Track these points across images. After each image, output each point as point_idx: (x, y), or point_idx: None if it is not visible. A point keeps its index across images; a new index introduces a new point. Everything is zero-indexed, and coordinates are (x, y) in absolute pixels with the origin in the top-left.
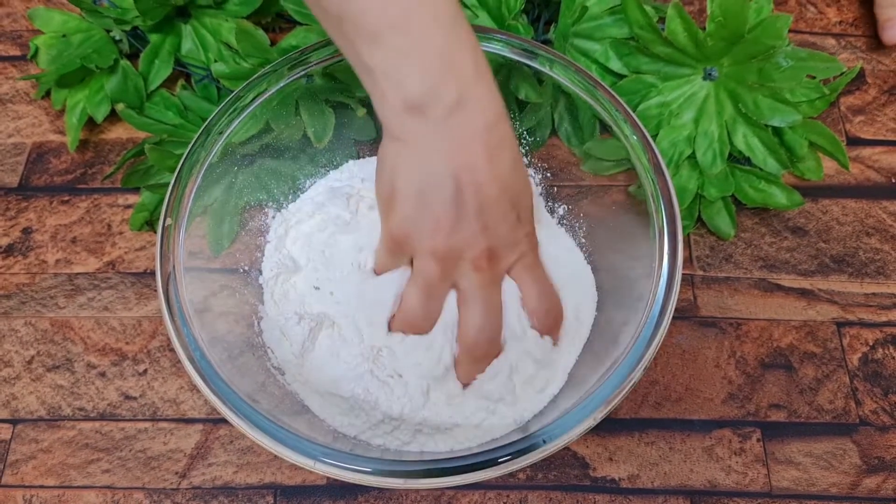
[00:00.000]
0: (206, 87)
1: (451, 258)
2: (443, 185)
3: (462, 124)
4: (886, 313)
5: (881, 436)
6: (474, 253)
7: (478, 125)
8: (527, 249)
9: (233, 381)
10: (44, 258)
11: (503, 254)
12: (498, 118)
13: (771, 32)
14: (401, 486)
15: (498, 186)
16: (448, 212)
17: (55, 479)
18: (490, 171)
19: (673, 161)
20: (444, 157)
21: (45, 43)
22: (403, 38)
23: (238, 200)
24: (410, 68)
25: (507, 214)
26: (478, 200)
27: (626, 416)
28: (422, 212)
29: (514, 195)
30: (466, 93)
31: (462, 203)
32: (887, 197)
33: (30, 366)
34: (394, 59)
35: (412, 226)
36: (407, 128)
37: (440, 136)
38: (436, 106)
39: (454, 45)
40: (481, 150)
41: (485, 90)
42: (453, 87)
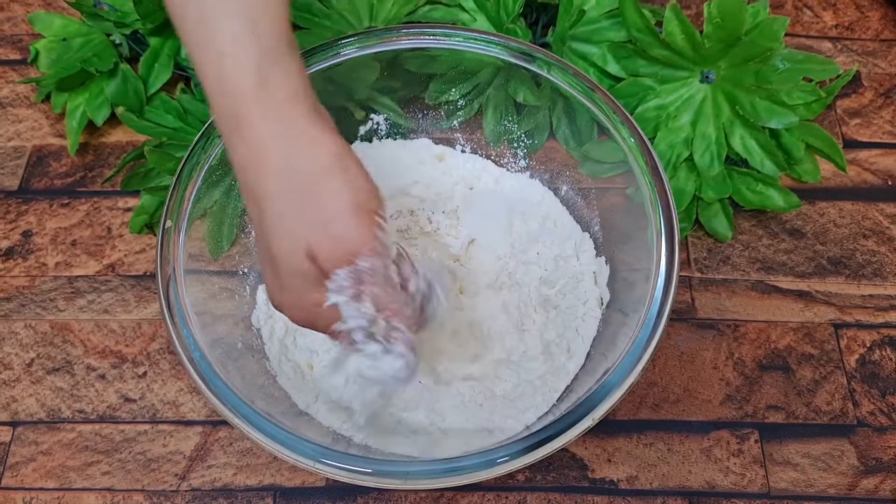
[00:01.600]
0: None
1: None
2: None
3: (249, 135)
4: (883, 315)
5: (879, 437)
6: (335, 254)
7: (267, 134)
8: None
9: (232, 383)
10: (44, 261)
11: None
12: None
13: (768, 35)
14: (400, 486)
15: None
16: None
17: (55, 481)
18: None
19: (671, 163)
20: (237, 168)
21: (46, 47)
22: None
23: (238, 203)
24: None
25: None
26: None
27: (625, 417)
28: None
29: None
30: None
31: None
32: (884, 199)
33: (30, 368)
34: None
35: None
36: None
37: (235, 144)
38: (227, 119)
39: None
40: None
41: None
42: (321, 159)
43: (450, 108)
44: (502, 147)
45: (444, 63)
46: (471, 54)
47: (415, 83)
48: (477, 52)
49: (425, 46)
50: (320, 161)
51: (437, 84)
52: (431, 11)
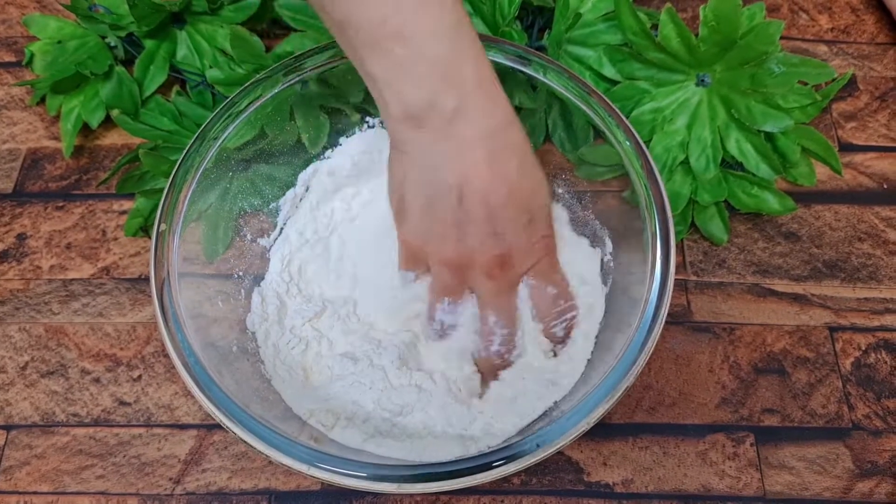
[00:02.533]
0: (201, 93)
1: (463, 266)
2: (447, 194)
3: (462, 132)
4: (879, 318)
5: (874, 440)
6: (485, 260)
7: (478, 132)
8: (542, 254)
9: (227, 387)
10: (38, 264)
11: (516, 260)
12: (502, 124)
13: (763, 38)
14: (395, 491)
15: (504, 191)
16: (454, 221)
17: (49, 485)
18: (493, 176)
19: (666, 166)
20: (446, 166)
21: (41, 49)
22: (403, 49)
23: (233, 206)
24: (409, 79)
25: (516, 219)
26: (484, 207)
27: (620, 420)
28: (429, 222)
29: (523, 198)
30: (466, 101)
31: (467, 211)
32: (879, 202)
33: (24, 372)
34: (393, 69)
35: (422, 236)
36: (409, 138)
37: (441, 145)
38: (435, 116)
39: (455, 54)
40: (483, 157)
41: (486, 98)
42: (452, 96)
43: None
44: None
45: None
46: None
47: None
48: None
49: None
50: (528, 144)
51: None
52: None
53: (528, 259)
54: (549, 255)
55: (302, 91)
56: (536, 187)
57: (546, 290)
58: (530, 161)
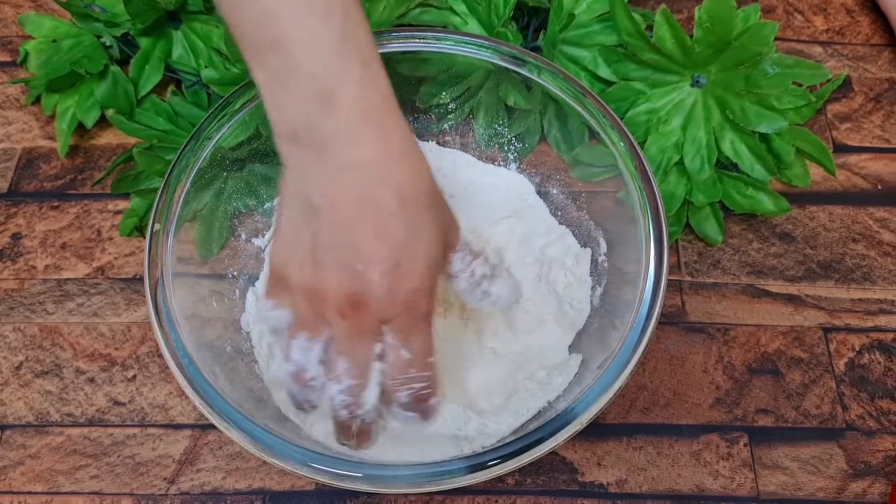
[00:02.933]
0: (197, 92)
1: (317, 298)
2: (312, 218)
3: (336, 158)
4: (872, 319)
5: (867, 440)
6: (336, 295)
7: (354, 161)
8: (402, 309)
9: (221, 387)
10: (33, 264)
11: (372, 304)
12: (385, 158)
13: (758, 39)
14: (389, 490)
15: (371, 227)
16: (312, 246)
17: (43, 485)
18: (361, 209)
19: (661, 167)
20: (315, 188)
21: (36, 48)
22: (278, 59)
23: (227, 206)
24: (285, 93)
25: (380, 260)
26: (344, 237)
27: (615, 420)
28: (293, 243)
29: (393, 241)
30: (340, 126)
31: (327, 239)
32: (873, 203)
33: (18, 371)
34: (272, 80)
35: (285, 257)
36: (287, 153)
37: (315, 166)
38: (309, 136)
39: (332, 73)
40: (354, 188)
41: (368, 126)
42: (326, 118)
43: (441, 111)
44: (493, 150)
45: (434, 66)
46: (462, 58)
47: (405, 86)
48: (468, 56)
49: (416, 50)
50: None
51: (427, 87)
52: (422, 14)
53: (387, 309)
54: (410, 313)
55: None
56: (418, 233)
57: (399, 351)
58: (420, 205)
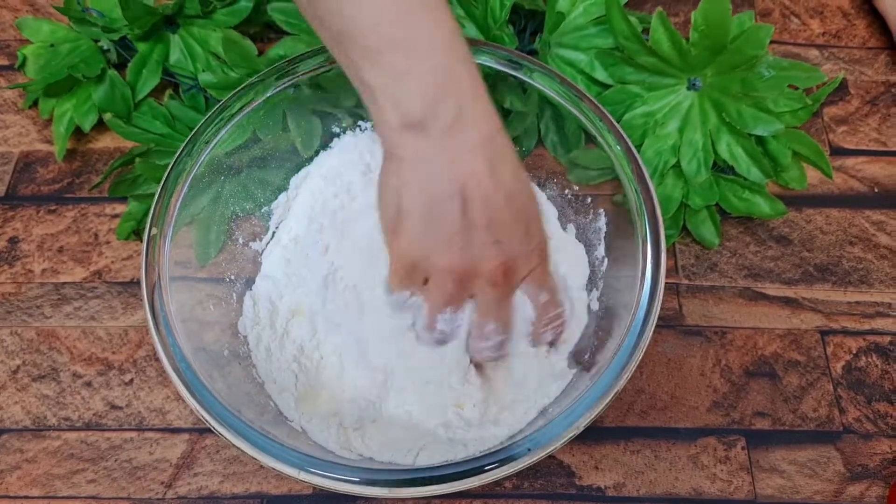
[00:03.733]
0: (194, 96)
1: (467, 275)
2: (449, 199)
3: (461, 139)
4: (869, 322)
5: (864, 443)
6: (490, 268)
7: (476, 139)
8: (538, 261)
9: (218, 391)
10: (30, 267)
11: (517, 267)
12: (495, 131)
13: (753, 43)
14: (386, 495)
15: (503, 196)
16: (458, 228)
17: (40, 489)
18: (494, 181)
19: (658, 170)
20: (446, 172)
21: (33, 52)
22: (403, 58)
23: (225, 210)
24: (409, 87)
25: (515, 226)
26: (486, 212)
27: (612, 424)
28: (432, 230)
29: (519, 206)
30: (464, 108)
31: (470, 218)
32: (870, 206)
33: (15, 375)
34: (393, 77)
35: (422, 246)
36: (407, 145)
37: (440, 151)
38: (434, 123)
39: (451, 63)
40: (482, 162)
41: (481, 105)
42: (451, 103)
43: None
44: None
45: None
46: None
47: None
48: None
49: None
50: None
51: None
52: None
53: (527, 266)
54: (543, 263)
55: (294, 95)
56: (529, 194)
57: (539, 296)
58: (520, 167)
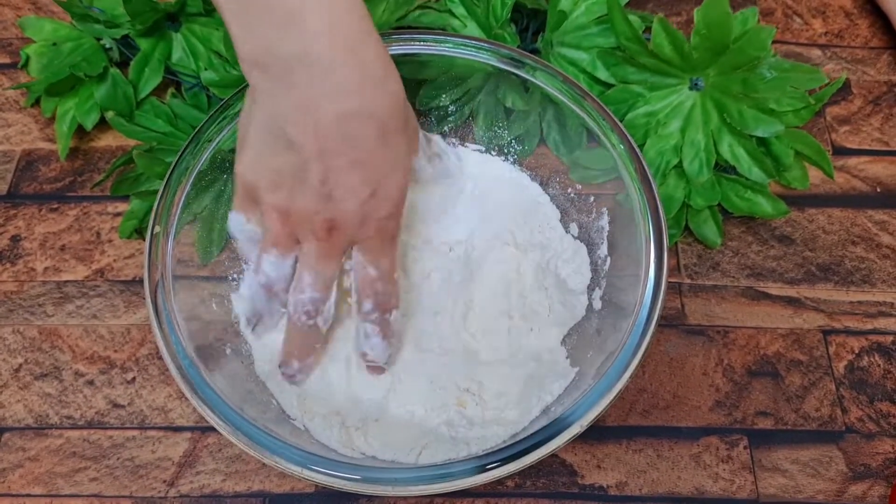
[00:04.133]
0: (196, 95)
1: (290, 220)
2: (287, 146)
3: (306, 85)
4: (872, 321)
5: (867, 443)
6: (313, 220)
7: (327, 89)
8: (373, 233)
9: (221, 390)
10: (32, 266)
11: (347, 228)
12: (360, 86)
13: (755, 43)
14: (389, 493)
15: (348, 158)
16: (290, 171)
17: (42, 487)
18: (340, 139)
19: (660, 170)
20: (289, 118)
21: (36, 51)
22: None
23: (227, 208)
24: (251, 16)
25: (356, 189)
26: (321, 167)
27: (614, 423)
28: (266, 163)
29: (371, 171)
30: (310, 51)
31: (304, 168)
32: (872, 206)
33: (17, 374)
34: (241, 5)
35: (256, 173)
36: (255, 81)
37: (284, 94)
38: (275, 63)
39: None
40: (330, 117)
41: (342, 53)
42: (291, 42)
43: (440, 113)
44: (493, 153)
45: (434, 69)
46: (461, 60)
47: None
48: (467, 58)
49: (416, 52)
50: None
51: (427, 90)
52: (422, 16)
53: (360, 233)
54: (380, 235)
55: None
56: (393, 164)
57: (367, 269)
58: (395, 138)
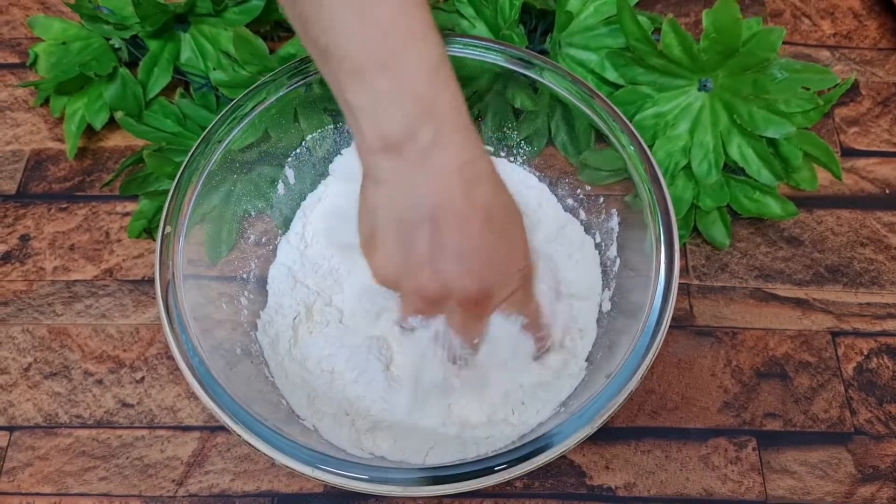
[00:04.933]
0: (205, 95)
1: (437, 299)
2: (421, 223)
3: (437, 162)
4: (880, 323)
5: (876, 445)
6: (461, 297)
7: (453, 162)
8: (518, 285)
9: (231, 389)
10: (41, 265)
11: (492, 294)
12: (474, 156)
13: (765, 46)
14: (399, 493)
15: (480, 219)
16: (429, 254)
17: (52, 486)
18: (469, 204)
19: (669, 171)
20: (420, 194)
21: (45, 50)
22: (387, 80)
23: (237, 208)
24: (390, 109)
25: (494, 248)
26: (458, 239)
27: (623, 424)
28: (402, 254)
29: (499, 229)
30: (443, 133)
31: (442, 244)
32: (881, 207)
33: (27, 373)
34: (375, 99)
35: (394, 268)
36: (384, 167)
37: (416, 174)
38: (411, 146)
39: (435, 89)
40: (458, 185)
41: (460, 131)
42: (430, 127)
43: None
44: (502, 154)
45: None
46: (470, 60)
47: None
48: (476, 59)
49: None
50: (497, 176)
51: None
52: None
53: (505, 291)
54: (524, 287)
55: (306, 94)
56: (512, 214)
57: (518, 319)
58: (502, 189)
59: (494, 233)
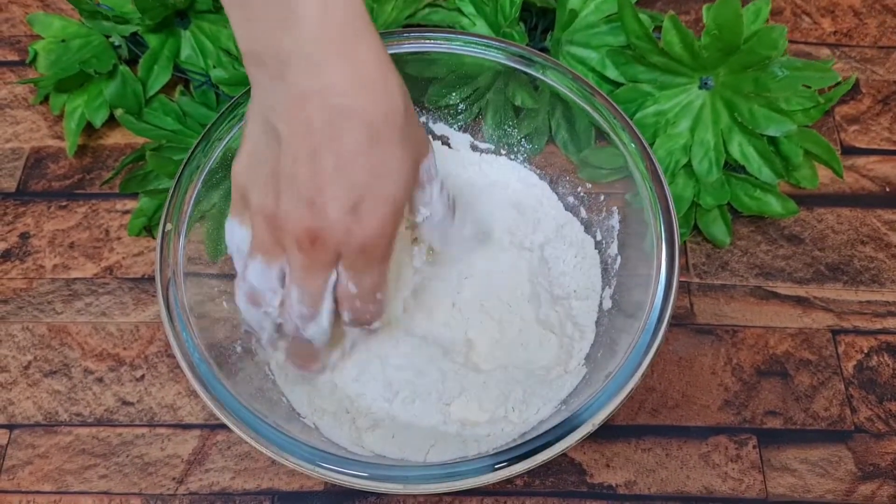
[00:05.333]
0: (205, 92)
1: (276, 225)
2: (274, 142)
3: (297, 81)
4: (881, 321)
5: (876, 443)
6: (295, 228)
7: (316, 86)
8: (358, 251)
9: (231, 387)
10: (41, 263)
11: (330, 240)
12: (353, 88)
13: (766, 43)
14: (400, 491)
15: (332, 163)
16: (273, 172)
17: (52, 484)
18: (324, 140)
19: (669, 169)
20: (277, 112)
21: (45, 48)
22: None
23: None
24: (251, 12)
25: (339, 197)
26: (306, 169)
27: (623, 422)
28: (255, 163)
29: (355, 178)
30: (303, 48)
31: (289, 168)
32: (882, 205)
33: (27, 371)
34: (242, 1)
35: (246, 175)
36: (251, 74)
37: (276, 88)
38: (270, 58)
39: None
40: (318, 116)
41: (335, 53)
42: (288, 39)
43: (449, 111)
44: (502, 152)
45: (443, 67)
46: (470, 58)
47: (414, 87)
48: (477, 56)
49: (425, 50)
50: (393, 117)
51: (436, 88)
52: (431, 14)
53: (343, 248)
54: (365, 256)
55: None
56: (382, 175)
57: (348, 285)
58: (390, 142)
59: (345, 180)
